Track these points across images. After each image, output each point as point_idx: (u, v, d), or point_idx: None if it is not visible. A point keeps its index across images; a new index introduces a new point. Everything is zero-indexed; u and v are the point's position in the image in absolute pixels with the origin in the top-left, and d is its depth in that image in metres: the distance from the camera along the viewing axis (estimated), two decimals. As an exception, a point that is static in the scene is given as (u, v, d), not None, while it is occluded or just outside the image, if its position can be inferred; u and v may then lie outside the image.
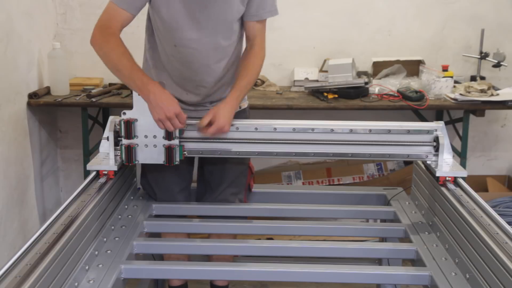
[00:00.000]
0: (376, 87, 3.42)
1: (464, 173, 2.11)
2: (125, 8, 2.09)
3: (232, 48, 2.24)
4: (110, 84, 3.53)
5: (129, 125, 2.15)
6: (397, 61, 3.58)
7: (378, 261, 2.58)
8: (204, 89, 2.26)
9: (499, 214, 1.79)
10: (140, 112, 2.14)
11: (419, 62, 3.61)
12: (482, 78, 3.62)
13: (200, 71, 2.22)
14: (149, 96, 2.03)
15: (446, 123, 2.55)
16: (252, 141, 2.20)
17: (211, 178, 2.39)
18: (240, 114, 2.28)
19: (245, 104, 2.40)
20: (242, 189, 2.42)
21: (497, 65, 3.57)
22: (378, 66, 3.59)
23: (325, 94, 3.33)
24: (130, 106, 2.16)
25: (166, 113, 2.03)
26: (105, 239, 1.96)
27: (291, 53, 3.73)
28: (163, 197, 2.37)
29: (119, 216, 2.15)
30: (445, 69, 3.48)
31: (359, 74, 3.60)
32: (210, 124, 2.09)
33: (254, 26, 2.23)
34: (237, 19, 2.19)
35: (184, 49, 2.17)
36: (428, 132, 2.17)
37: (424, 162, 2.26)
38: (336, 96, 3.33)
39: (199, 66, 2.21)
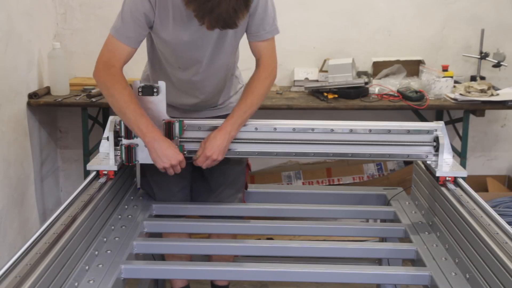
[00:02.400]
0: (376, 87, 3.42)
1: (464, 173, 2.11)
2: (126, 43, 2.07)
3: (233, 60, 2.25)
4: (110, 84, 3.53)
5: (129, 125, 2.14)
6: (397, 61, 3.58)
7: (378, 261, 2.58)
8: (203, 95, 2.27)
9: (499, 214, 1.79)
10: (140, 112, 2.14)
11: (419, 62, 3.61)
12: (482, 78, 3.62)
13: (201, 84, 2.24)
14: (154, 144, 2.06)
15: (446, 123, 2.55)
16: (252, 141, 2.20)
17: (210, 178, 2.39)
18: None
19: None
20: (241, 189, 2.42)
21: (497, 65, 3.57)
22: (378, 66, 3.59)
23: (325, 94, 3.33)
24: (130, 106, 2.16)
25: (172, 162, 2.08)
26: (105, 239, 1.96)
27: (291, 53, 3.73)
28: (163, 197, 2.37)
29: (119, 216, 2.15)
30: (445, 69, 3.48)
31: (359, 74, 3.60)
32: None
33: (257, 45, 2.20)
34: (237, 44, 2.20)
35: (187, 71, 2.18)
36: (428, 132, 2.17)
37: (424, 162, 2.26)
38: (336, 96, 3.33)
39: (202, 82, 2.23)
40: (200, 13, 1.83)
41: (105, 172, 2.14)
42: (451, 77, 3.38)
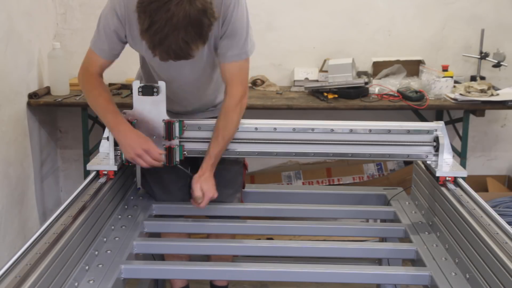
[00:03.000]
0: (376, 87, 3.42)
1: (464, 173, 2.11)
2: (102, 56, 2.13)
3: (215, 76, 2.22)
4: (110, 84, 3.53)
5: (129, 125, 2.15)
6: (397, 61, 3.58)
7: (378, 261, 2.58)
8: (192, 106, 2.28)
9: (499, 214, 1.79)
10: (140, 112, 2.15)
11: (419, 62, 3.61)
12: (482, 78, 3.62)
13: (190, 96, 2.25)
14: (118, 136, 2.09)
15: (446, 123, 2.55)
16: (252, 141, 2.20)
17: None
18: None
19: None
20: (239, 189, 2.42)
21: (497, 65, 3.57)
22: (378, 66, 3.59)
23: (325, 94, 3.33)
24: (130, 106, 2.16)
25: (136, 151, 2.06)
26: (105, 239, 1.96)
27: (291, 53, 3.73)
28: (162, 197, 2.37)
29: (119, 216, 2.15)
30: (445, 69, 3.48)
31: (359, 74, 3.59)
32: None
33: (224, 67, 2.10)
34: (214, 59, 2.14)
35: (172, 84, 2.18)
36: (428, 132, 2.17)
37: (424, 162, 2.26)
38: (336, 96, 3.32)
39: (191, 94, 2.24)
40: (151, 45, 1.81)
41: (105, 172, 2.14)
42: (451, 77, 3.38)
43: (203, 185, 2.11)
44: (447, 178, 2.09)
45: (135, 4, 1.81)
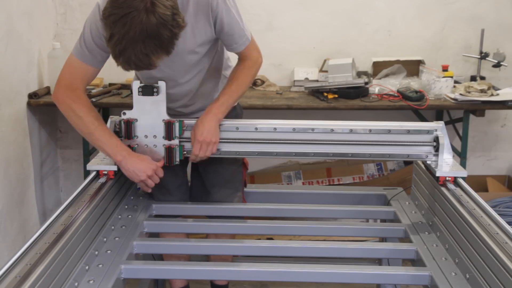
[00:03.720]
0: (376, 87, 3.42)
1: (464, 173, 2.11)
2: (89, 63, 2.08)
3: (203, 67, 2.20)
4: (110, 84, 3.53)
5: (129, 125, 2.15)
6: (397, 61, 3.58)
7: (378, 261, 2.58)
8: (179, 101, 2.25)
9: (499, 214, 1.79)
10: (140, 112, 2.15)
11: (419, 62, 3.61)
12: (482, 78, 3.62)
13: (186, 99, 2.24)
14: (126, 162, 2.07)
15: (446, 123, 2.55)
16: (252, 141, 2.20)
17: (205, 178, 2.39)
18: (231, 112, 2.26)
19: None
20: (239, 188, 2.41)
21: (497, 65, 3.57)
22: (378, 66, 3.59)
23: (325, 94, 3.33)
24: (130, 106, 2.16)
25: (148, 173, 2.08)
26: (105, 239, 1.96)
27: (291, 53, 3.73)
28: (161, 197, 2.37)
29: (119, 216, 2.15)
30: (445, 69, 3.48)
31: (359, 74, 3.59)
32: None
33: (236, 53, 2.20)
34: (199, 59, 2.13)
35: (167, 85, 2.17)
36: (428, 132, 2.17)
37: (424, 162, 2.26)
38: (336, 96, 3.33)
39: (187, 97, 2.23)
40: (113, 55, 1.83)
41: (105, 172, 2.14)
42: (451, 77, 3.38)
43: (206, 124, 2.09)
44: (447, 178, 2.09)
45: None
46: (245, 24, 2.14)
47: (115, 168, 2.13)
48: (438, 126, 2.18)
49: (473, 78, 3.63)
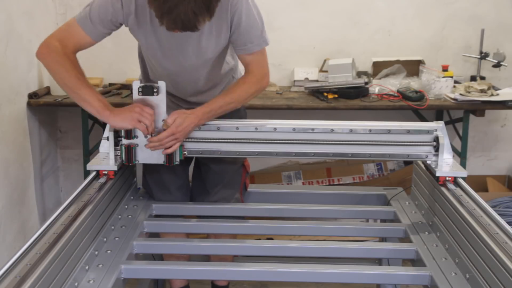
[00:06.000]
0: (376, 87, 3.42)
1: (464, 173, 2.11)
2: (88, 33, 2.08)
3: (217, 75, 2.22)
4: (110, 84, 3.53)
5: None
6: (397, 61, 3.58)
7: (378, 261, 2.58)
8: (192, 97, 2.28)
9: (499, 214, 1.79)
10: (140, 112, 2.14)
11: (419, 62, 3.62)
12: (482, 78, 3.62)
13: (183, 87, 2.24)
14: (113, 114, 2.04)
15: (446, 123, 2.56)
16: (252, 141, 2.20)
17: (206, 178, 2.39)
18: (234, 113, 2.27)
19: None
20: (238, 189, 2.42)
21: (497, 65, 3.57)
22: (378, 66, 3.59)
23: (325, 94, 3.33)
24: (130, 106, 2.16)
25: (135, 109, 2.03)
26: (105, 239, 1.96)
27: (291, 53, 3.73)
28: (161, 196, 2.37)
29: (119, 216, 2.15)
30: (445, 69, 3.48)
31: (359, 74, 3.60)
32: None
33: (245, 58, 2.16)
34: (216, 56, 2.15)
35: (168, 74, 2.19)
36: (428, 132, 2.17)
37: (424, 162, 2.26)
38: (336, 96, 3.33)
39: (183, 85, 2.23)
40: (159, 13, 1.82)
41: (105, 172, 2.14)
42: (451, 77, 3.39)
43: (186, 121, 2.06)
44: (447, 178, 2.09)
45: None
46: (266, 30, 2.13)
47: (115, 168, 2.14)
48: (438, 126, 2.18)
49: (473, 78, 3.63)
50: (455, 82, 3.45)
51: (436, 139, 2.15)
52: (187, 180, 2.45)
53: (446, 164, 2.15)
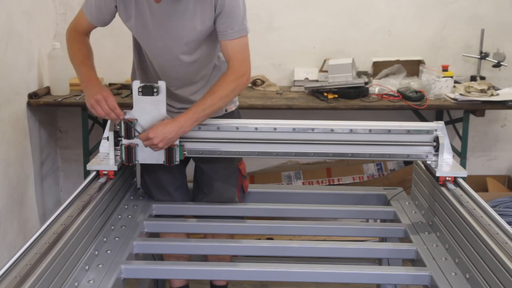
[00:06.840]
0: (376, 87, 3.42)
1: (464, 173, 2.11)
2: (89, 19, 2.21)
3: (201, 64, 2.22)
4: (110, 84, 3.53)
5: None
6: (397, 61, 3.58)
7: (378, 261, 2.58)
8: (177, 91, 2.27)
9: (499, 214, 1.80)
10: (140, 112, 2.14)
11: (419, 62, 3.61)
12: (482, 78, 3.62)
13: (169, 73, 2.24)
14: (84, 86, 2.14)
15: (446, 123, 2.56)
16: (252, 141, 2.20)
17: (202, 178, 2.39)
18: (228, 117, 2.27)
19: (232, 107, 2.38)
20: (234, 190, 2.41)
21: (497, 65, 3.57)
22: (378, 66, 3.59)
23: (325, 94, 3.33)
24: (130, 106, 2.16)
25: (94, 96, 2.07)
26: (105, 239, 1.96)
27: (291, 53, 3.73)
28: (160, 197, 2.37)
29: (119, 216, 2.15)
30: (445, 69, 3.48)
31: (359, 74, 3.59)
32: None
33: (226, 45, 2.12)
34: (199, 38, 2.14)
35: (154, 57, 2.20)
36: (428, 132, 2.17)
37: (424, 162, 2.26)
38: (336, 96, 3.32)
39: (169, 70, 2.23)
40: None
41: (105, 172, 2.14)
42: (451, 77, 3.38)
43: (167, 128, 2.06)
44: (447, 178, 2.09)
45: None
46: (247, 20, 2.13)
47: (115, 168, 2.14)
48: (438, 126, 2.18)
49: (473, 78, 3.63)
50: (455, 82, 3.45)
51: (436, 139, 2.15)
52: (185, 181, 2.45)
53: (446, 164, 2.15)
